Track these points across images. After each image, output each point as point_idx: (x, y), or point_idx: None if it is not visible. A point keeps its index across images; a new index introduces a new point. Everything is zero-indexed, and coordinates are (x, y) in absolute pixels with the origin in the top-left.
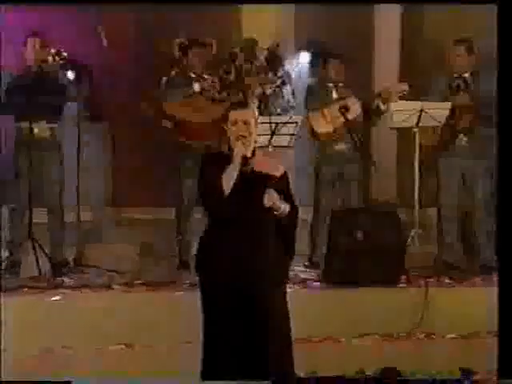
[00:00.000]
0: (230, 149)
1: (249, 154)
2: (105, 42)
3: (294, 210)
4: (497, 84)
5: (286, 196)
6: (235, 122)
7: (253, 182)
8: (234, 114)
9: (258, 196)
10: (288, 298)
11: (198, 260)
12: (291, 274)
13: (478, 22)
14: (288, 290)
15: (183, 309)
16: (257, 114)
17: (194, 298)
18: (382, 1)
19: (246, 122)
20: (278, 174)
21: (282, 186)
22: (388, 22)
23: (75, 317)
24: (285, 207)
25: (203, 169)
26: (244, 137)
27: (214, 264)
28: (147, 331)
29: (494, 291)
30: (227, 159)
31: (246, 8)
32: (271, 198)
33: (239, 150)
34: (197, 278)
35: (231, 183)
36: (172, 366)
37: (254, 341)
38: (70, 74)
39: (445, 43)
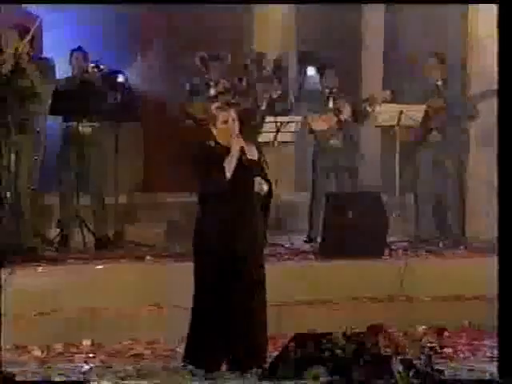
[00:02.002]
0: (216, 142)
1: (244, 145)
2: None
3: (270, 187)
4: (497, 84)
5: (264, 176)
6: (226, 121)
7: (243, 166)
8: (224, 114)
9: (248, 178)
10: (291, 268)
11: (197, 237)
12: (293, 247)
13: (450, 33)
14: (289, 261)
15: None
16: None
17: None
18: (384, 1)
19: (234, 120)
20: (255, 158)
21: (261, 168)
22: (374, 36)
23: (114, 283)
24: (266, 187)
25: (201, 159)
26: (237, 134)
27: (214, 237)
28: (174, 295)
29: (462, 262)
30: (217, 150)
31: (256, 25)
32: (259, 185)
33: (238, 142)
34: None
35: (232, 169)
36: None
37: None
38: (109, 82)
39: (420, 54)
